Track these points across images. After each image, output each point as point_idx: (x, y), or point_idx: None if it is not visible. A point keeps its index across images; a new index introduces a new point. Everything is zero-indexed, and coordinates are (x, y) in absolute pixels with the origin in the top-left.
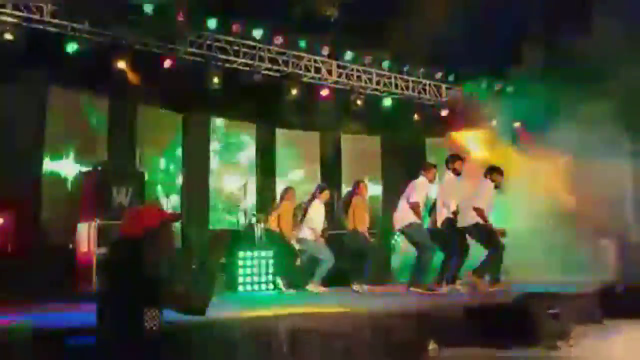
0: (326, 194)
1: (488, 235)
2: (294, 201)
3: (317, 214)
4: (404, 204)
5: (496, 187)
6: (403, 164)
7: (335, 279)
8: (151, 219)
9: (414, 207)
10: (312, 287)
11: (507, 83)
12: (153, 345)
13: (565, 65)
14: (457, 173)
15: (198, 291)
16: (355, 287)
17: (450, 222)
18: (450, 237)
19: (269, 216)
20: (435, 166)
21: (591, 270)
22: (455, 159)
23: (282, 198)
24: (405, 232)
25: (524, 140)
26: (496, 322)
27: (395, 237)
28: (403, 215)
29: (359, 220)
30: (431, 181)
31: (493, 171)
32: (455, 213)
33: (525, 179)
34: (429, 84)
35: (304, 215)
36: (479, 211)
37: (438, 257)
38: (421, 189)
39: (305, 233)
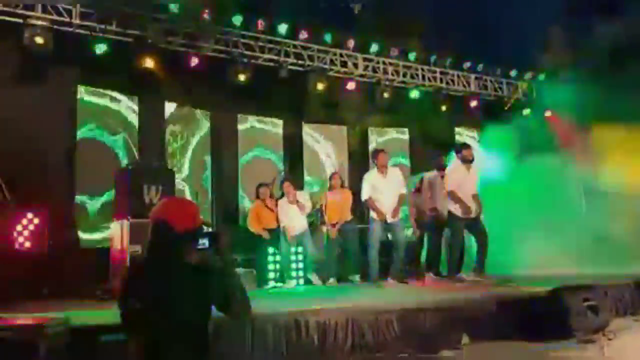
0: (287, 185)
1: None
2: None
3: (283, 213)
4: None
5: (465, 161)
6: (431, 156)
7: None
8: (198, 216)
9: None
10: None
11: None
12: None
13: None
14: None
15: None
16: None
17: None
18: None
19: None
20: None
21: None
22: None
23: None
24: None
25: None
26: (532, 315)
27: None
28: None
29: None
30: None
31: (460, 148)
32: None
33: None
34: (457, 75)
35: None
36: (450, 194)
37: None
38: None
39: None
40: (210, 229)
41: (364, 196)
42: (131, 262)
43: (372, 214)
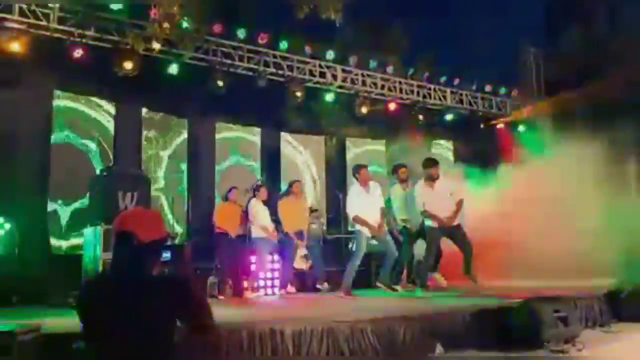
0: (263, 192)
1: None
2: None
3: (258, 212)
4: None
5: (431, 179)
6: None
7: None
8: (163, 227)
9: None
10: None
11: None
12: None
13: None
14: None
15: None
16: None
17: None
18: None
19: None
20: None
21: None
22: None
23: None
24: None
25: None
26: (504, 325)
27: None
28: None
29: None
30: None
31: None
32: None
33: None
34: (434, 88)
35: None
36: (422, 214)
37: None
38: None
39: (258, 232)
40: (175, 241)
41: (353, 212)
42: (94, 272)
43: (360, 228)
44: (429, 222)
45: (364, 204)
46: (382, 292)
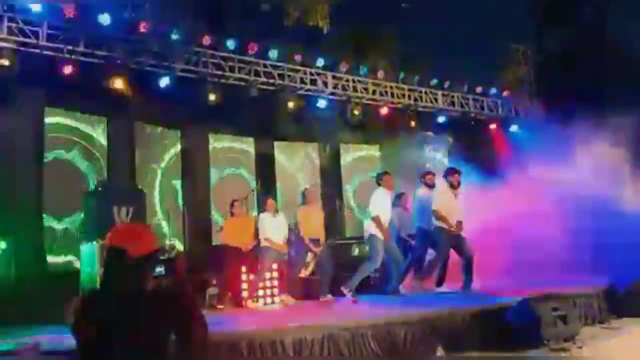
0: (271, 203)
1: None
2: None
3: (263, 224)
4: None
5: (452, 187)
6: (402, 172)
7: None
8: (154, 242)
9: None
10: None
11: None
12: None
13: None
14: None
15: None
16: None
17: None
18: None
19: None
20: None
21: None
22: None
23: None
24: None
25: None
26: (504, 325)
27: None
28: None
29: None
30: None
31: (446, 174)
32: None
33: None
34: (425, 91)
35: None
36: (434, 213)
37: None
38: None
39: (264, 244)
40: (171, 255)
41: (375, 212)
42: (90, 288)
43: (374, 232)
44: (438, 223)
45: (386, 208)
46: (383, 296)
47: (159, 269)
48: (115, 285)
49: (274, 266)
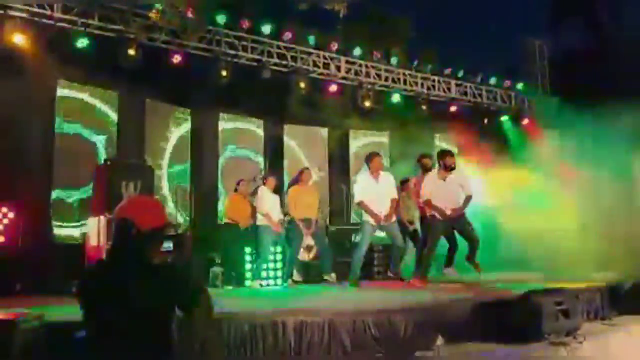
0: (272, 181)
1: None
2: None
3: (262, 199)
4: None
5: (446, 169)
6: (412, 160)
7: None
8: (164, 216)
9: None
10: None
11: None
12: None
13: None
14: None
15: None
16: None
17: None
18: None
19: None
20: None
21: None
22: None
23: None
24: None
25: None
26: (505, 317)
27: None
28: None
29: None
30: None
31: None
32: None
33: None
34: (438, 80)
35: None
36: (425, 203)
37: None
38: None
39: (261, 220)
40: (178, 231)
41: (358, 198)
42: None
43: (365, 217)
44: (429, 212)
45: (372, 192)
46: (385, 282)
47: (167, 245)
48: (123, 256)
49: (279, 248)
